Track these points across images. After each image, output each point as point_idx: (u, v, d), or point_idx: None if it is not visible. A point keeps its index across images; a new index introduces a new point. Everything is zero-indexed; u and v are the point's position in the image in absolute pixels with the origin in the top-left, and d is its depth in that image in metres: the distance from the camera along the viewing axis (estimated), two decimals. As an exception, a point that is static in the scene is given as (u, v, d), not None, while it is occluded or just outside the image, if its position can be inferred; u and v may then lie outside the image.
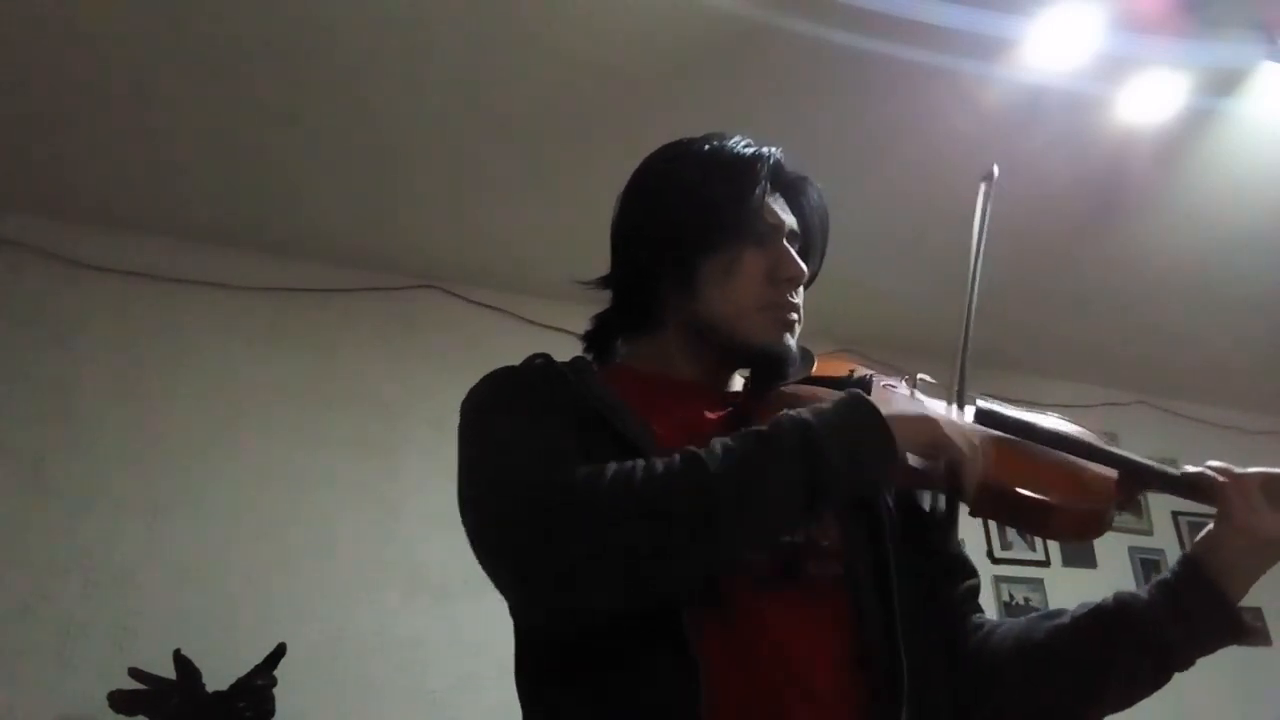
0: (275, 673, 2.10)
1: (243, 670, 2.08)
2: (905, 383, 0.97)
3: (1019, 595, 3.39)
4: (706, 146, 0.97)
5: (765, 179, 0.94)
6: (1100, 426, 0.91)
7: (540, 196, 2.60)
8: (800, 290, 0.96)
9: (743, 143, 0.97)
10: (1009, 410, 0.91)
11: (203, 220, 2.65)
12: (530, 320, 2.96)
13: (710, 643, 0.75)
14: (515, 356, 0.95)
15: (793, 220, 0.97)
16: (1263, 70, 2.23)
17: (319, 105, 2.21)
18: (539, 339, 1.74)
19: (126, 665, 2.00)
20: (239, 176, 2.47)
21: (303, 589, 2.47)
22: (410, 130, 2.33)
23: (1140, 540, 3.74)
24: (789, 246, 0.95)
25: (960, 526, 1.02)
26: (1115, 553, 3.66)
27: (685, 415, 0.91)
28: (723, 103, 2.21)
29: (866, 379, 0.94)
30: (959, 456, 0.79)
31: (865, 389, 0.91)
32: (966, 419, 0.90)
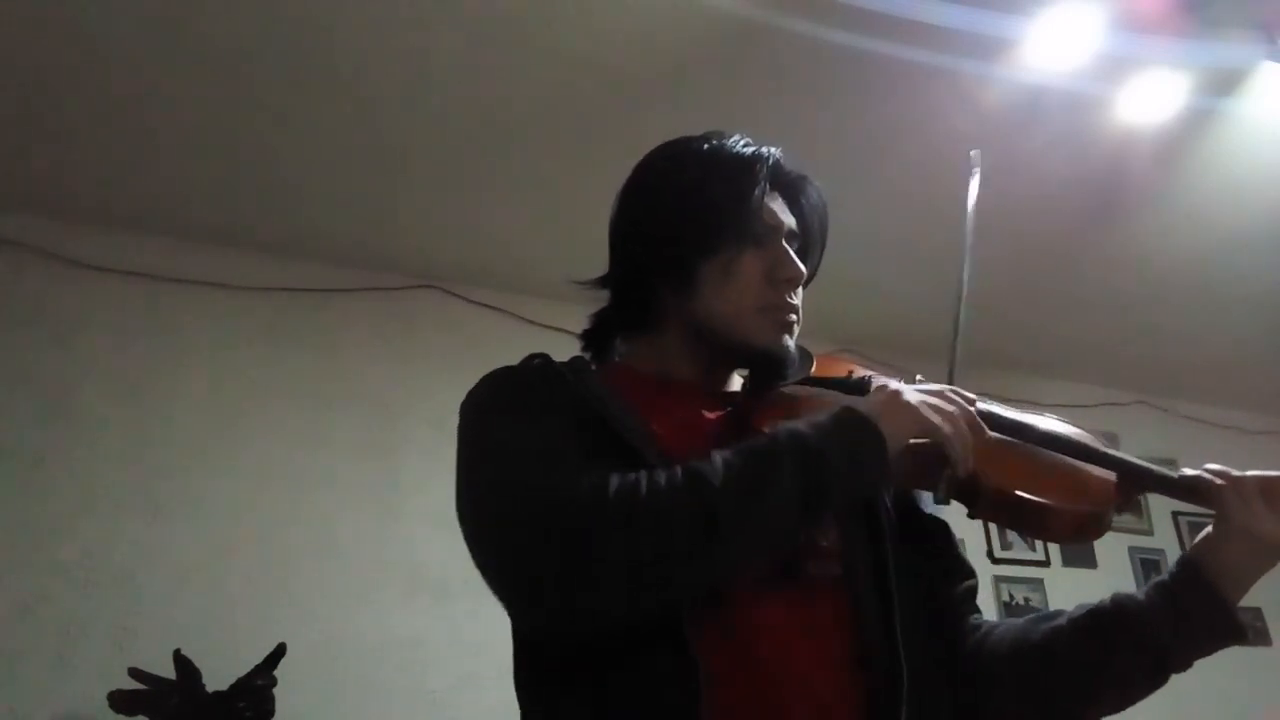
0: (275, 673, 2.10)
1: (243, 670, 2.08)
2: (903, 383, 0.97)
3: (1019, 595, 3.39)
4: (705, 146, 0.97)
5: (764, 179, 0.94)
6: (1100, 426, 0.92)
7: (540, 196, 2.60)
8: (799, 290, 0.96)
9: (742, 142, 0.96)
10: (1008, 412, 0.91)
11: (203, 220, 2.65)
12: (530, 320, 2.96)
13: (710, 643, 0.75)
14: (515, 356, 0.95)
15: (792, 220, 0.97)
16: (1263, 70, 2.23)
17: (319, 105, 2.21)
18: (539, 339, 1.74)
19: (126, 665, 2.00)
20: (239, 176, 2.47)
21: (303, 589, 2.47)
22: (410, 130, 2.33)
23: (1140, 540, 3.74)
24: (788, 247, 0.94)
25: (960, 527, 1.02)
26: (1115, 553, 3.66)
27: (684, 415, 0.90)
28: (723, 103, 2.21)
29: (865, 380, 0.94)
30: (943, 437, 0.79)
31: (863, 390, 0.92)
32: None
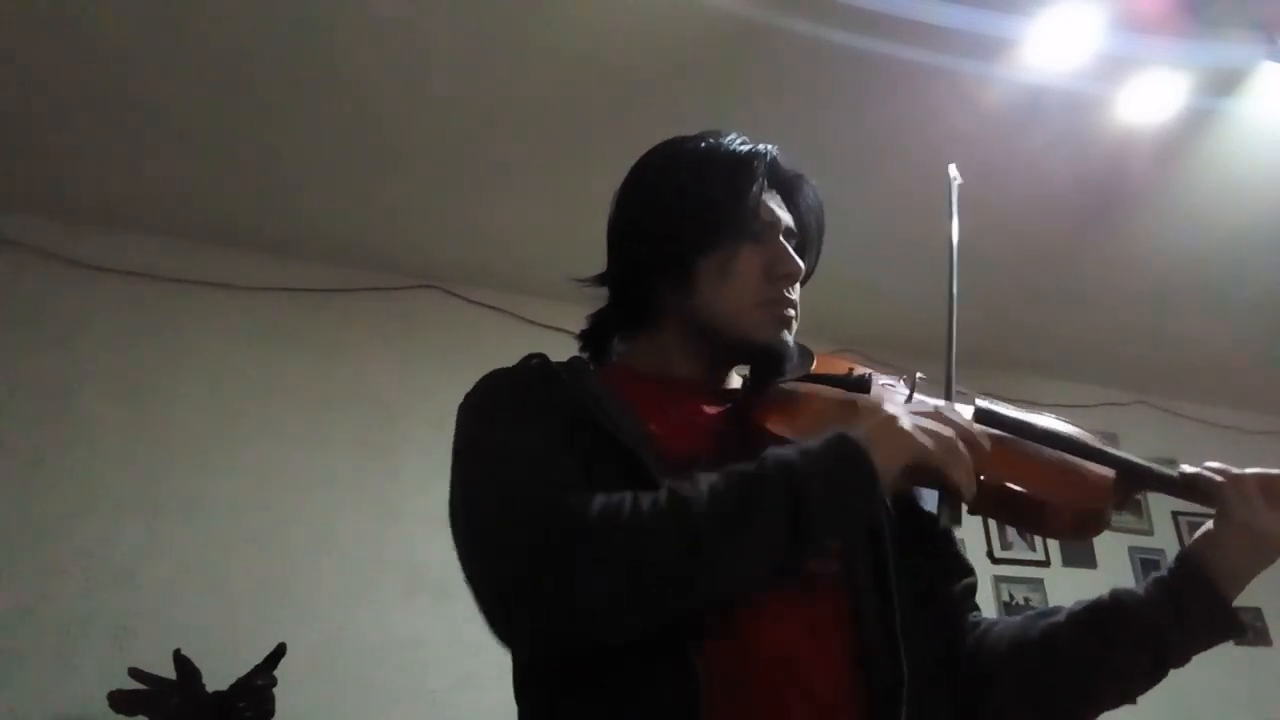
0: (275, 673, 2.10)
1: (243, 670, 2.08)
2: (903, 381, 0.97)
3: (1019, 595, 3.38)
4: (703, 144, 0.97)
5: (762, 176, 0.94)
6: (1100, 426, 0.92)
7: (540, 196, 2.60)
8: (797, 287, 0.96)
9: (739, 140, 0.97)
10: (1007, 410, 0.91)
11: (203, 220, 2.65)
12: (530, 320, 2.96)
13: (710, 642, 0.75)
14: (515, 356, 0.95)
15: (789, 218, 0.97)
16: (1263, 70, 2.23)
17: (319, 105, 2.21)
18: (539, 339, 1.73)
19: (126, 665, 2.00)
20: (239, 176, 2.47)
21: (303, 589, 2.47)
22: (410, 130, 2.33)
23: (1140, 540, 3.74)
24: (785, 244, 0.95)
25: (960, 527, 1.02)
26: (1115, 553, 3.66)
27: (684, 413, 0.91)
28: (723, 103, 2.21)
29: (865, 377, 0.94)
30: (941, 465, 0.76)
31: (864, 387, 0.92)
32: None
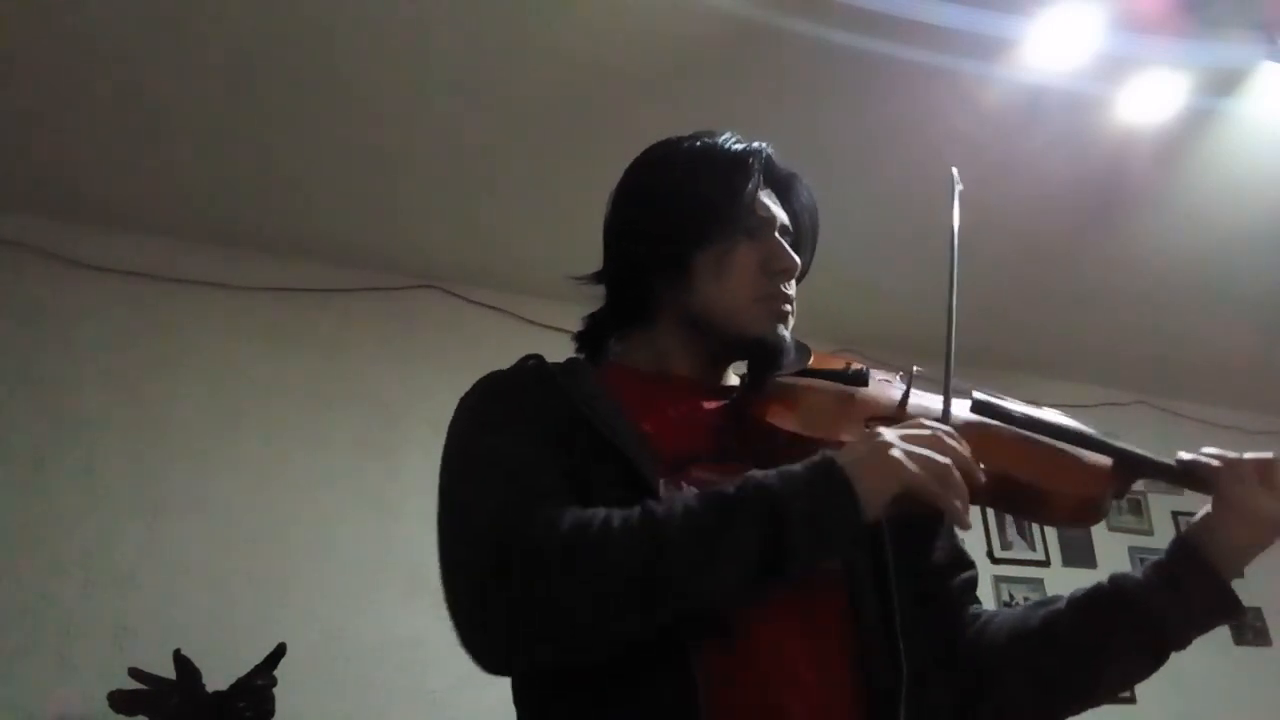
0: (275, 673, 2.10)
1: (243, 670, 2.08)
2: (900, 377, 0.98)
3: (1019, 595, 3.38)
4: (698, 143, 0.98)
5: (757, 173, 0.95)
6: (1100, 426, 0.92)
7: (540, 196, 2.60)
8: (793, 283, 0.97)
9: (733, 139, 0.98)
10: (1004, 401, 0.92)
11: (203, 220, 2.65)
12: (530, 320, 2.96)
13: (709, 643, 0.75)
14: (515, 356, 0.95)
15: (784, 215, 0.99)
16: (1263, 70, 2.23)
17: (319, 105, 2.21)
18: (539, 339, 1.73)
19: (126, 665, 1.99)
20: (239, 176, 2.46)
21: (303, 589, 2.47)
22: (410, 130, 2.33)
23: (1140, 540, 3.74)
24: (781, 240, 0.96)
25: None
26: (1115, 553, 3.66)
27: (681, 410, 0.91)
28: (723, 103, 2.21)
29: (863, 371, 0.95)
30: (932, 494, 0.73)
31: (862, 381, 0.93)
32: (959, 414, 0.90)
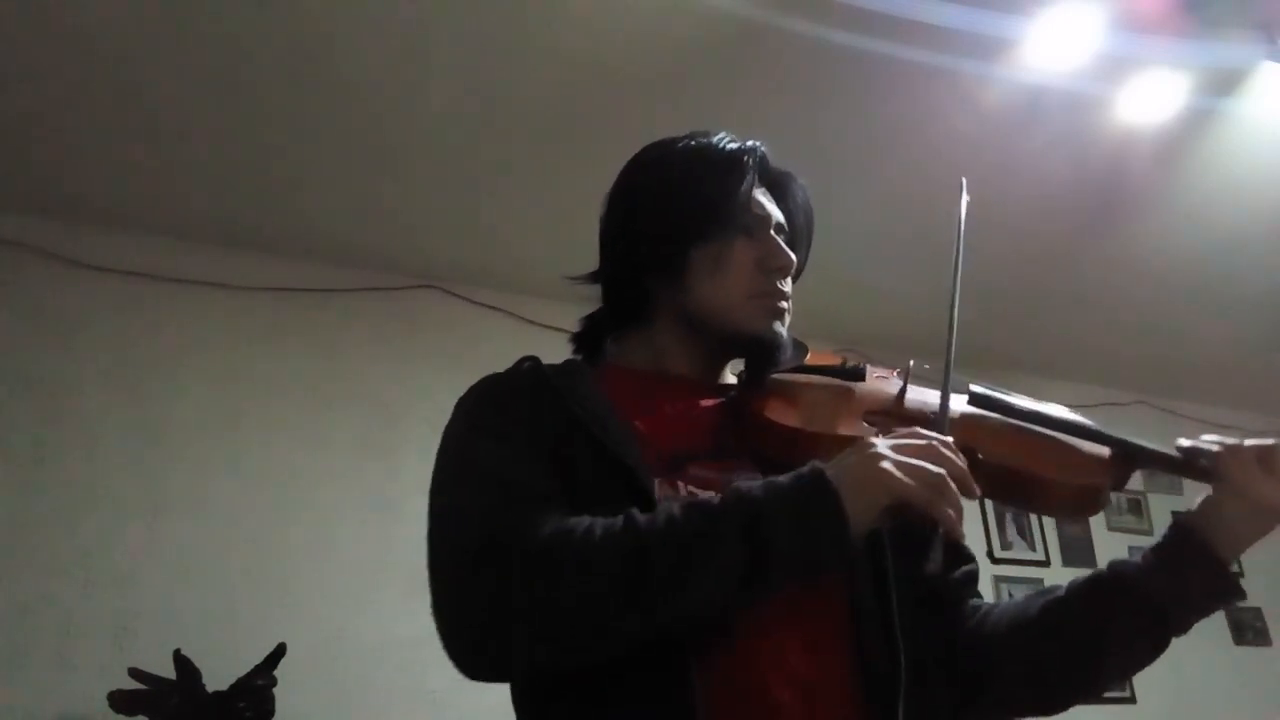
0: (275, 673, 2.10)
1: (243, 670, 2.08)
2: (898, 374, 0.98)
3: (1019, 595, 3.38)
4: (693, 142, 0.99)
5: (753, 172, 0.96)
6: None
7: (540, 196, 2.60)
8: (789, 280, 0.97)
9: (728, 138, 0.98)
10: (1004, 394, 0.92)
11: (203, 220, 2.65)
12: (530, 320, 2.96)
13: (705, 640, 0.75)
14: (515, 356, 0.96)
15: (779, 213, 0.99)
16: (1263, 70, 2.23)
17: (319, 105, 2.21)
18: (539, 339, 1.74)
19: (126, 665, 2.00)
20: (239, 176, 2.46)
21: (303, 589, 2.47)
22: (410, 130, 2.33)
23: (1140, 540, 3.74)
24: (776, 237, 0.96)
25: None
26: (1115, 552, 3.59)
27: (678, 409, 0.91)
28: (723, 103, 2.21)
29: (860, 367, 0.95)
30: (924, 506, 0.72)
31: (859, 376, 0.94)
32: (957, 407, 0.90)
